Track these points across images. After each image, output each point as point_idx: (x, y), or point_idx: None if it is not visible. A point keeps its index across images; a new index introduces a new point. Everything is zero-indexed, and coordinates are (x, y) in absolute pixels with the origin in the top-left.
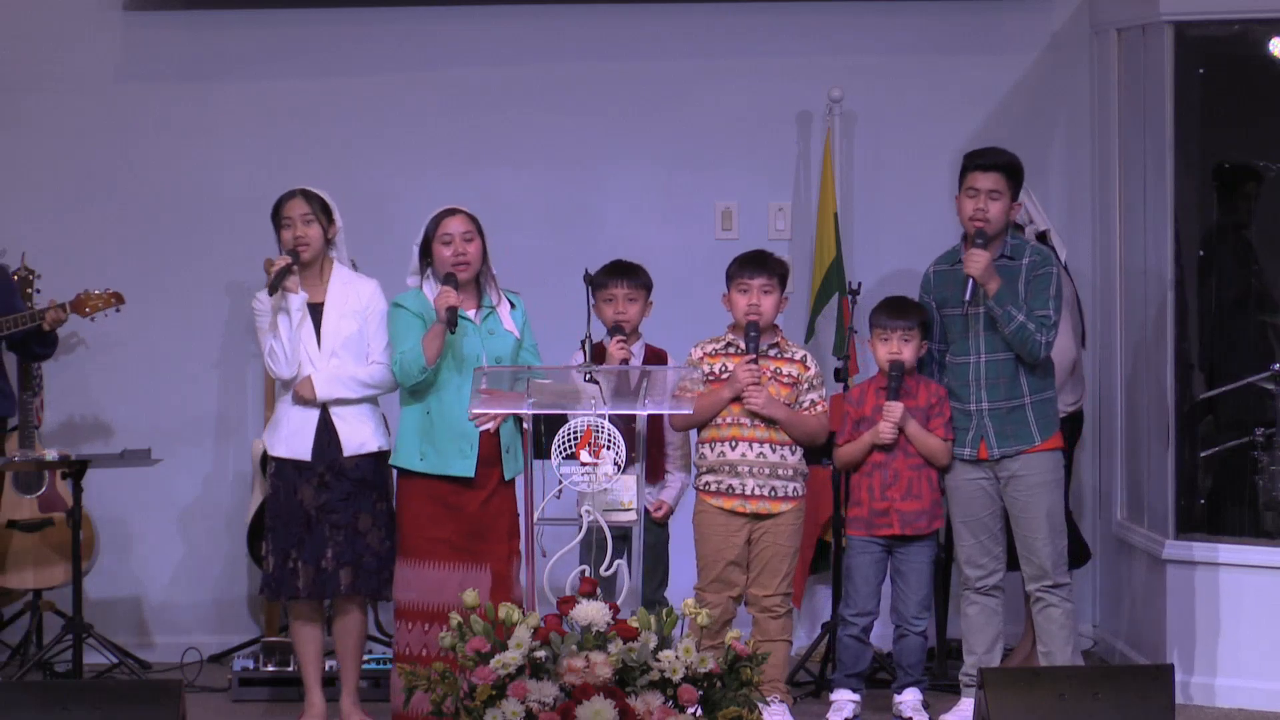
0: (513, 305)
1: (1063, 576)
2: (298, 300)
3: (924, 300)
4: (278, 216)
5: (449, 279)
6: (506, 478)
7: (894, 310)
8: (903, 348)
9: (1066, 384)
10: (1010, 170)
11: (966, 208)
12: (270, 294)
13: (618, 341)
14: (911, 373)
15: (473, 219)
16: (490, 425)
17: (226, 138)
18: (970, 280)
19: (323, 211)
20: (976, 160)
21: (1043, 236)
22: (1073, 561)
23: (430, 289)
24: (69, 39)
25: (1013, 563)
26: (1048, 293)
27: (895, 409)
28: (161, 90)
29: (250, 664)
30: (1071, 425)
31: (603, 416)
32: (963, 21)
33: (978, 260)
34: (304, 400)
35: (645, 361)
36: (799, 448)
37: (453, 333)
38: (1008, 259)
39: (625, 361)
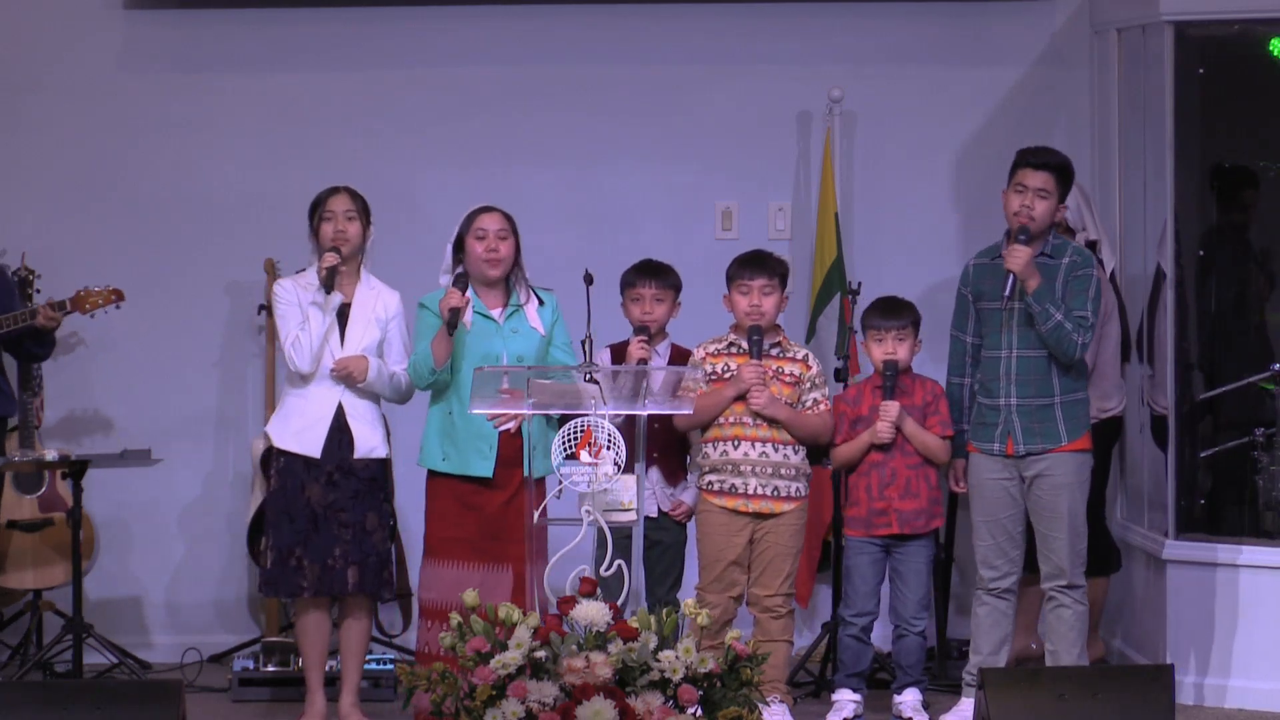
0: (542, 303)
1: (1078, 578)
2: (336, 299)
3: (961, 292)
4: (318, 210)
5: (459, 280)
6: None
7: (887, 311)
8: (897, 347)
9: (1112, 389)
10: (1061, 172)
11: (1013, 203)
12: (327, 291)
13: (639, 341)
14: (907, 371)
15: (508, 218)
16: (510, 426)
17: (228, 137)
18: (1011, 275)
19: (363, 212)
20: (1029, 158)
21: (1093, 246)
22: (1105, 568)
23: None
24: (69, 38)
25: (1027, 567)
26: (1086, 294)
27: (892, 408)
28: (162, 89)
29: (250, 664)
30: (1113, 429)
31: (602, 416)
32: (963, 22)
33: (1019, 256)
34: (347, 377)
35: (671, 361)
36: (802, 447)
37: (450, 335)
38: (1047, 257)
39: (645, 362)
